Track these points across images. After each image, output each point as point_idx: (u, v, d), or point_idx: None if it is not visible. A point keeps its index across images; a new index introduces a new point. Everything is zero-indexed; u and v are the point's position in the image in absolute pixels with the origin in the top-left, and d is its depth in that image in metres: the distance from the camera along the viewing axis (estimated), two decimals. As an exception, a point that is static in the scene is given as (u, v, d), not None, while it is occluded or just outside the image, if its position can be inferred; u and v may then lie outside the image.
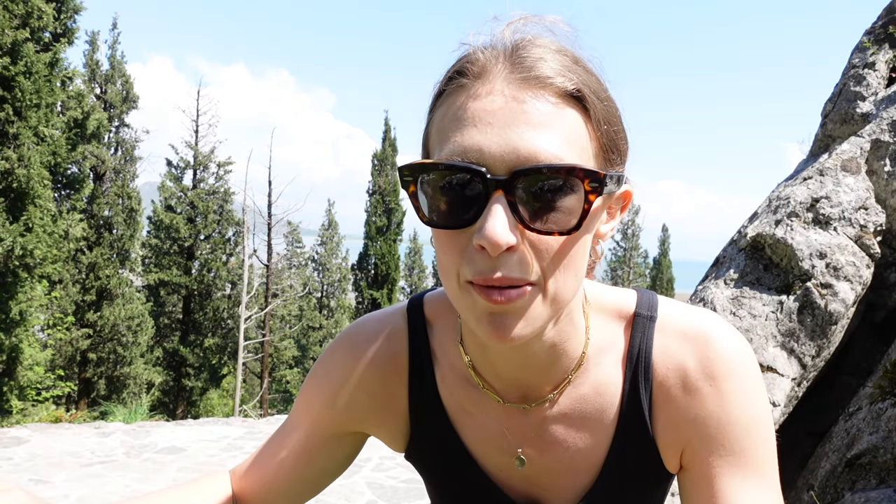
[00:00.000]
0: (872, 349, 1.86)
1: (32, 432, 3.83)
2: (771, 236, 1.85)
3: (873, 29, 2.00)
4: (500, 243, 0.30)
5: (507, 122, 0.31)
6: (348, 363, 0.43)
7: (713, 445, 0.38)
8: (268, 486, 0.44)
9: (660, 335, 0.40)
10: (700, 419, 0.38)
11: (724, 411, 0.38)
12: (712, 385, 0.38)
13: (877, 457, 1.49)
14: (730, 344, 0.39)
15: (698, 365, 0.39)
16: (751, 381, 0.39)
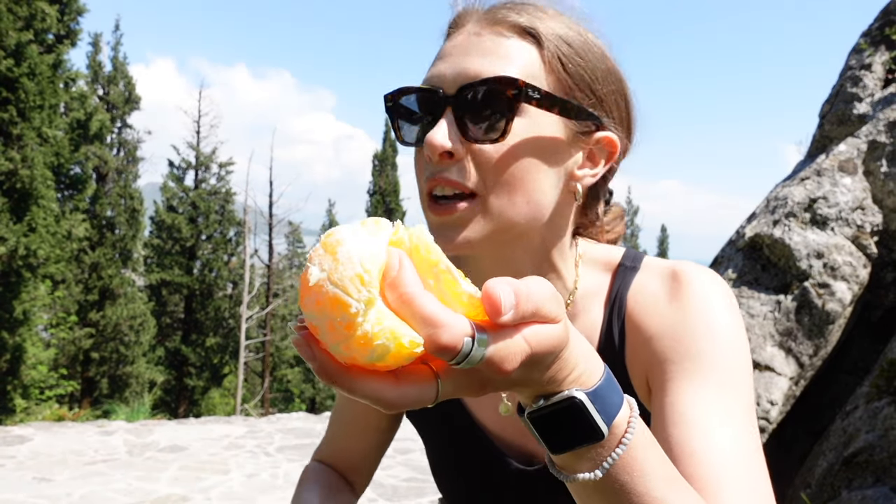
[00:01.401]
0: (869, 348, 1.86)
1: (36, 431, 3.85)
2: (769, 236, 1.86)
3: (870, 31, 2.01)
4: (435, 145, 0.34)
5: (463, 52, 0.36)
6: None
7: (667, 355, 0.37)
8: (358, 452, 0.52)
9: (638, 278, 0.42)
10: (658, 335, 0.38)
11: (682, 321, 0.38)
12: (673, 303, 0.39)
13: (873, 455, 1.50)
14: (697, 273, 0.39)
15: (665, 292, 0.39)
16: (712, 299, 0.38)
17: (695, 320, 0.38)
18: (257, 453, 3.57)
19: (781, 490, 1.76)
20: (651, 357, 0.39)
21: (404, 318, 0.20)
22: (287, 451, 3.64)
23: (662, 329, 0.39)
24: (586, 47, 0.38)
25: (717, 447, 0.33)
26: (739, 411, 0.35)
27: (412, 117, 0.37)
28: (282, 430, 4.03)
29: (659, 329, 0.39)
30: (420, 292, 0.20)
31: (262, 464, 3.39)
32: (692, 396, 0.35)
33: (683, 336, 0.37)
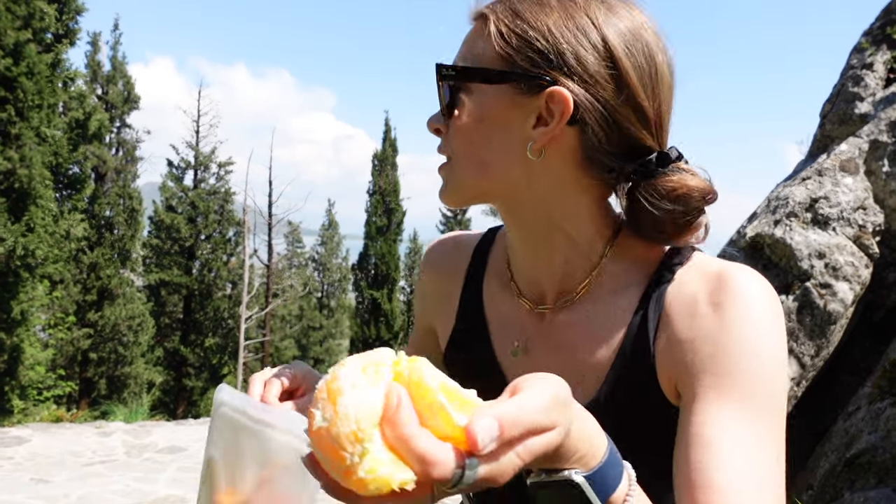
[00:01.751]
0: (871, 349, 1.86)
1: (34, 432, 3.84)
2: (770, 236, 1.85)
3: (871, 30, 2.01)
4: (428, 128, 0.44)
5: (464, 41, 0.44)
6: (425, 269, 0.54)
7: (702, 366, 0.36)
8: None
9: (683, 272, 0.40)
10: (695, 340, 0.37)
11: (721, 334, 0.36)
12: (716, 310, 0.37)
13: (876, 456, 1.49)
14: (745, 279, 0.38)
15: (707, 294, 0.38)
16: (759, 313, 0.36)
17: (736, 335, 0.36)
18: (256, 454, 3.56)
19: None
20: (683, 362, 0.38)
21: (400, 453, 0.22)
22: (286, 451, 3.62)
23: (700, 336, 0.37)
24: (537, 9, 0.39)
25: (739, 482, 0.33)
26: (770, 441, 0.35)
27: None
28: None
29: (695, 334, 0.38)
30: (414, 432, 0.22)
31: (261, 465, 3.38)
32: (723, 420, 0.35)
33: (721, 350, 0.36)
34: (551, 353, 0.43)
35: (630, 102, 0.38)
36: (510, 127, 0.40)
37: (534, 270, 0.44)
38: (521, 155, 0.40)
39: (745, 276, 0.38)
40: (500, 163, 0.40)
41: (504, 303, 0.46)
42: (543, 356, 0.44)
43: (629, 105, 0.38)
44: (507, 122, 0.40)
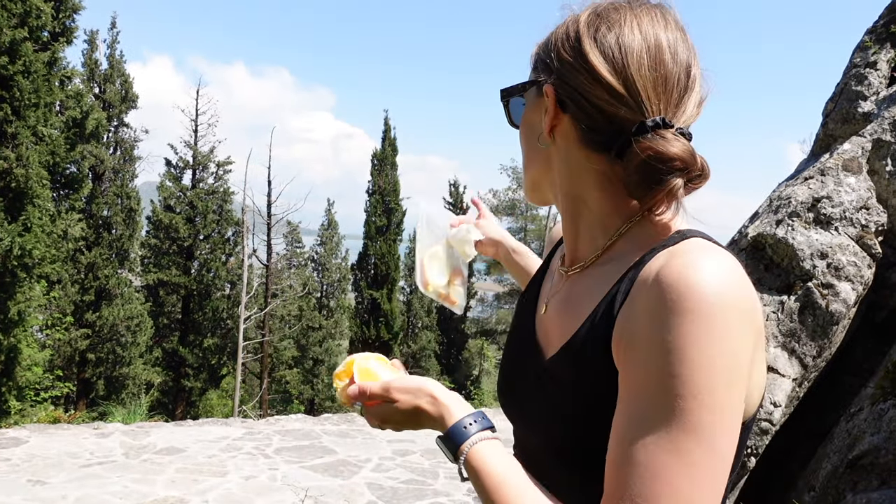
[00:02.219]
0: (874, 349, 1.85)
1: (31, 433, 3.81)
2: (772, 236, 1.84)
3: (875, 28, 2.00)
4: None
5: None
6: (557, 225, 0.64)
7: (630, 357, 0.38)
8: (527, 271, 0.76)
9: (664, 252, 0.41)
10: (634, 325, 0.38)
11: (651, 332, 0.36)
12: (655, 304, 0.37)
13: (878, 458, 1.48)
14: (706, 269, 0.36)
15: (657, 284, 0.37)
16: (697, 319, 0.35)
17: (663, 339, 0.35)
18: (255, 455, 3.55)
19: (785, 493, 1.74)
20: (626, 338, 0.39)
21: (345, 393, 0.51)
22: (285, 452, 3.61)
23: (637, 325, 0.38)
24: (555, 37, 0.48)
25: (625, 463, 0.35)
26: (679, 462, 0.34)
27: None
28: (280, 432, 4.01)
29: (635, 321, 0.38)
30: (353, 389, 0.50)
31: (261, 466, 3.37)
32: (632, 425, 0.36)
33: (647, 349, 0.36)
34: (558, 308, 0.51)
35: (599, 83, 0.43)
36: (535, 126, 0.50)
37: (569, 245, 0.52)
38: (543, 147, 0.50)
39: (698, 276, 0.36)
40: (532, 157, 0.51)
41: (554, 271, 0.56)
42: (553, 312, 0.51)
43: (600, 85, 0.43)
44: (534, 123, 0.50)
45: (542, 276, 0.58)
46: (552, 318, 0.50)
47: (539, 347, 0.50)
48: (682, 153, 0.41)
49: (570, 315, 0.47)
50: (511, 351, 0.55)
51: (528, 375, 0.50)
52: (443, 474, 3.32)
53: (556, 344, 0.48)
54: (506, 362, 0.56)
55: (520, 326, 0.55)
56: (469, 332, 16.92)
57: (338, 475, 3.26)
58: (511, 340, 0.56)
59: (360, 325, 13.69)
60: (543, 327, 0.51)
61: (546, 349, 0.49)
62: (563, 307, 0.49)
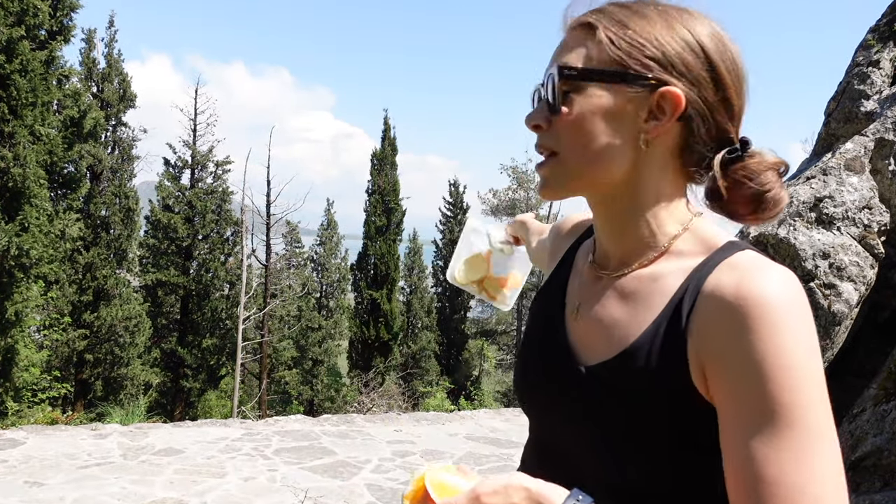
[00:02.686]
0: (876, 350, 1.84)
1: (28, 434, 3.79)
2: (773, 236, 1.84)
3: (878, 26, 1.99)
4: (528, 121, 0.49)
5: (561, 45, 0.49)
6: (565, 218, 0.65)
7: (726, 376, 0.39)
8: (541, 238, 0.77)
9: (729, 261, 0.43)
10: (719, 344, 0.40)
11: (741, 350, 0.38)
12: (739, 323, 0.39)
13: (881, 459, 1.48)
14: (776, 280, 0.40)
15: (734, 300, 0.40)
16: (779, 330, 0.38)
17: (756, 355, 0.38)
18: (254, 456, 3.53)
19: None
20: (712, 358, 0.41)
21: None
22: (285, 453, 3.60)
23: (723, 344, 0.40)
24: (641, 20, 0.46)
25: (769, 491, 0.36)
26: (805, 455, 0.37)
27: None
28: (279, 433, 4.00)
29: (720, 340, 0.40)
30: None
31: (260, 467, 3.36)
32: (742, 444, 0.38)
33: (744, 368, 0.38)
34: (597, 313, 0.49)
35: (723, 99, 0.46)
36: (623, 121, 0.46)
37: (609, 246, 0.50)
38: (633, 146, 0.46)
39: (770, 291, 0.39)
40: (611, 154, 0.46)
41: (581, 269, 0.55)
42: (591, 316, 0.49)
43: (723, 102, 0.46)
44: (621, 117, 0.46)
45: (564, 274, 0.56)
46: (591, 322, 0.49)
47: (573, 351, 0.49)
48: (781, 160, 0.46)
49: (621, 321, 0.46)
50: (535, 352, 0.53)
51: (563, 379, 0.49)
52: (443, 475, 3.31)
53: (601, 349, 0.47)
54: (530, 363, 0.54)
55: (545, 326, 0.53)
56: (469, 333, 16.90)
57: (337, 476, 3.24)
58: (532, 340, 0.54)
59: (359, 325, 13.67)
60: (579, 330, 0.50)
61: (585, 353, 0.48)
62: (607, 312, 0.48)
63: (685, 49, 0.45)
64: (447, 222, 17.20)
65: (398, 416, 4.65)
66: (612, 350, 0.46)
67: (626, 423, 0.43)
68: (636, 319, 0.45)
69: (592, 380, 0.46)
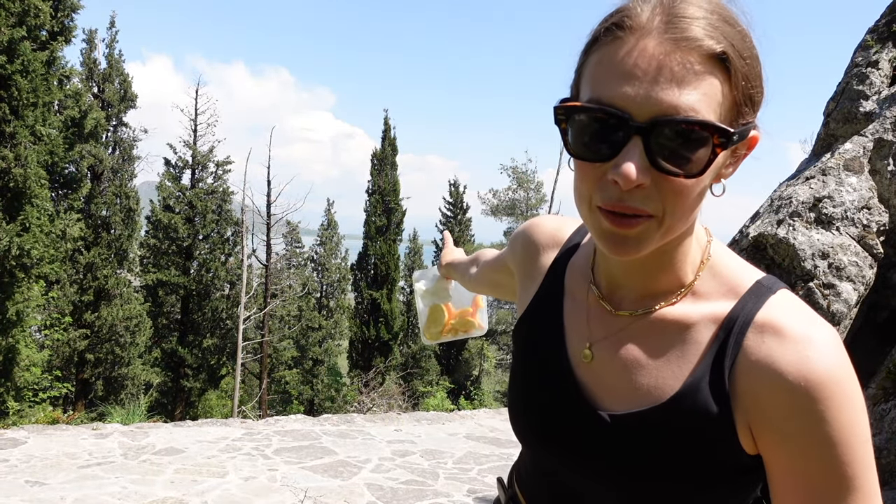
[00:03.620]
0: (875, 350, 1.85)
1: (29, 434, 3.80)
2: (773, 236, 1.84)
3: (876, 27, 1.99)
4: (632, 180, 0.37)
5: (654, 78, 0.36)
6: (532, 227, 0.57)
7: (791, 443, 0.38)
8: (486, 270, 0.72)
9: (763, 318, 0.40)
10: (779, 413, 0.38)
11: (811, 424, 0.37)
12: (802, 397, 0.37)
13: (880, 458, 1.48)
14: (830, 353, 0.38)
15: (791, 370, 0.38)
16: (845, 397, 0.38)
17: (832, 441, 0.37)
18: (255, 456, 3.54)
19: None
20: (769, 430, 0.39)
21: None
22: (285, 453, 3.60)
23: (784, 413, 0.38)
24: (753, 59, 0.39)
25: None
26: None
27: (588, 133, 0.39)
28: (280, 433, 4.00)
29: (782, 416, 0.38)
30: None
31: (260, 466, 3.36)
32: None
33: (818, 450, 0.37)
34: (615, 357, 0.45)
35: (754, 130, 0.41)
36: (715, 171, 0.40)
37: (629, 281, 0.45)
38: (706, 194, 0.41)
39: (831, 369, 0.38)
40: (695, 205, 0.40)
41: (579, 290, 0.49)
42: (608, 360, 0.45)
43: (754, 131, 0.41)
44: (719, 168, 0.40)
45: (555, 300, 0.49)
46: (613, 367, 0.44)
47: (591, 396, 0.45)
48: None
49: (650, 370, 0.42)
50: (539, 392, 0.48)
51: (581, 426, 0.45)
52: (443, 475, 3.32)
53: (628, 397, 0.43)
54: (533, 404, 0.48)
55: (546, 363, 0.48)
56: (469, 332, 16.83)
57: (337, 476, 3.25)
58: (532, 377, 0.49)
59: (359, 325, 13.66)
60: (595, 373, 0.45)
61: (607, 400, 0.44)
62: (632, 357, 0.43)
63: (762, 86, 0.40)
64: (447, 222, 17.19)
65: (398, 416, 4.66)
66: (643, 400, 0.42)
67: (655, 476, 0.41)
68: (670, 370, 0.42)
69: (620, 429, 0.43)
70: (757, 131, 0.40)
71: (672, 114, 0.36)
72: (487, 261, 0.71)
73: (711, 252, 0.44)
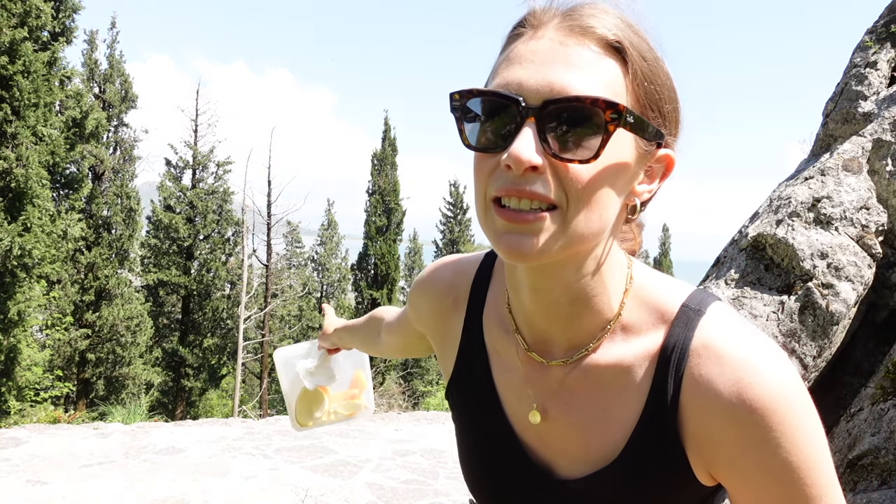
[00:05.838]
0: (874, 349, 1.85)
1: (31, 433, 3.81)
2: (772, 236, 1.84)
3: (875, 28, 2.00)
4: (523, 160, 0.33)
5: (547, 61, 0.35)
6: (427, 282, 0.52)
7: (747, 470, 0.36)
8: (388, 339, 0.66)
9: (699, 343, 0.38)
10: (730, 445, 0.36)
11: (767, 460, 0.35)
12: (749, 425, 0.35)
13: (878, 458, 1.48)
14: (773, 375, 0.36)
15: (735, 399, 0.36)
16: (797, 417, 0.36)
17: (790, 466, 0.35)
18: (255, 455, 3.55)
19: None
20: (724, 465, 0.37)
21: None
22: (285, 452, 3.61)
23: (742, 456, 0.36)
24: (657, 63, 0.38)
25: None
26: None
27: (480, 121, 0.36)
28: (280, 432, 4.01)
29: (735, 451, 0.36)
30: None
31: (261, 466, 3.37)
32: None
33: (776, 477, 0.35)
34: (560, 413, 0.41)
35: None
36: (630, 180, 0.38)
37: (550, 325, 0.41)
38: (620, 208, 0.38)
39: (777, 391, 0.35)
40: (610, 216, 0.37)
41: (503, 345, 0.44)
42: (553, 418, 0.41)
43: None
44: (630, 175, 0.37)
45: (480, 362, 0.45)
46: (558, 428, 0.41)
47: (542, 460, 0.42)
48: None
49: (594, 425, 0.40)
50: (490, 459, 0.44)
51: (538, 490, 0.42)
52: (443, 474, 3.32)
53: (580, 459, 0.40)
54: (488, 469, 0.45)
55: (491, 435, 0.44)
56: (469, 332, 16.81)
57: (338, 475, 3.25)
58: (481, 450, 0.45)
59: (360, 325, 13.63)
60: (543, 436, 0.42)
61: (559, 463, 0.41)
62: (575, 413, 0.40)
63: (676, 102, 0.38)
64: (447, 222, 17.20)
65: (398, 416, 4.66)
66: (594, 460, 0.40)
67: None
68: (615, 421, 0.39)
69: (575, 494, 0.40)
70: (672, 152, 0.38)
71: (564, 94, 0.33)
72: (390, 324, 0.63)
73: (634, 276, 0.41)
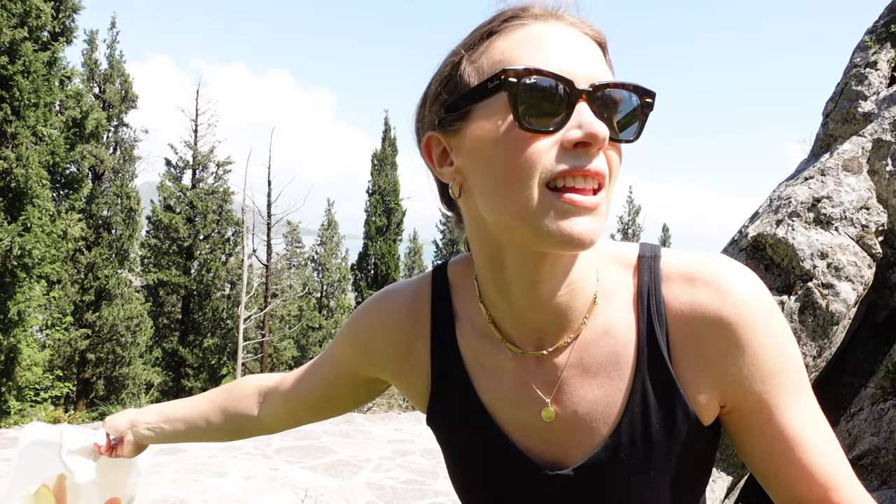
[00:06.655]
0: (874, 349, 1.85)
1: (30, 433, 3.81)
2: (772, 236, 1.84)
3: (875, 28, 2.00)
4: (601, 136, 0.34)
5: (578, 47, 0.37)
6: (375, 314, 0.47)
7: (752, 376, 0.39)
8: (289, 403, 0.53)
9: (667, 269, 0.41)
10: (728, 356, 0.39)
11: (752, 343, 0.38)
12: (733, 324, 0.38)
13: (878, 458, 1.48)
14: (737, 277, 0.39)
15: (713, 307, 0.39)
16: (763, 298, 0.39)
17: (765, 337, 0.39)
18: (255, 455, 3.55)
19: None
20: (724, 375, 0.39)
21: None
22: (285, 452, 3.61)
23: (731, 351, 0.39)
24: None
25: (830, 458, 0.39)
26: (814, 404, 0.40)
27: (532, 101, 0.35)
28: (280, 432, 4.01)
29: (726, 350, 0.39)
30: None
31: (261, 466, 3.37)
32: (795, 415, 0.39)
33: (762, 357, 0.39)
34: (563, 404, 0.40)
35: None
36: None
37: (540, 314, 0.39)
38: None
39: (735, 276, 0.40)
40: None
41: (487, 356, 0.42)
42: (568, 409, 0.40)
43: None
44: None
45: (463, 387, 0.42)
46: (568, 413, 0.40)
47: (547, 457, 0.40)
48: None
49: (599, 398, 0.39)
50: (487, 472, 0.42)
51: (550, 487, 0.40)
52: (443, 474, 3.32)
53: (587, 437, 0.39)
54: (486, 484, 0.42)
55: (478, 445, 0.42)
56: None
57: (338, 475, 3.25)
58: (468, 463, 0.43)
59: (360, 325, 13.60)
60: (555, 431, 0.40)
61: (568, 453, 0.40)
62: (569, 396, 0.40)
63: None
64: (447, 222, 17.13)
65: (398, 416, 4.66)
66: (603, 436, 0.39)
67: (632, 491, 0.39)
68: (614, 390, 0.39)
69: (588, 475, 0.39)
70: None
71: (605, 80, 0.35)
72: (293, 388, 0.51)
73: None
